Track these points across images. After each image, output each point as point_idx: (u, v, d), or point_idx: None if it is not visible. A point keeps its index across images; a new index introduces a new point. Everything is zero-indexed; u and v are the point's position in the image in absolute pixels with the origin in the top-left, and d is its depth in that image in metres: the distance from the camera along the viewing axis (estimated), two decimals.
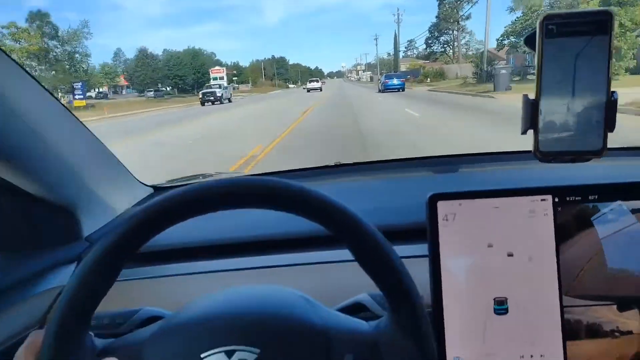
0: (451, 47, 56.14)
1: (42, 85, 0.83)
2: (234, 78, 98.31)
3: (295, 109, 18.25)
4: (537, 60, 0.48)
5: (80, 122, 0.94)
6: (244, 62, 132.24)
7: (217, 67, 70.90)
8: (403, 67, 63.11)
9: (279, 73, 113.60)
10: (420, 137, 7.93)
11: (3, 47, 0.77)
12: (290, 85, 51.66)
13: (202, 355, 0.48)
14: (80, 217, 0.91)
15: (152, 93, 53.49)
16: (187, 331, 0.50)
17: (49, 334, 0.47)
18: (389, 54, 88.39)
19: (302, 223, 0.51)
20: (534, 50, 0.48)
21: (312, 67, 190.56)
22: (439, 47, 56.67)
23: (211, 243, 0.92)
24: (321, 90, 44.22)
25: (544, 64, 0.47)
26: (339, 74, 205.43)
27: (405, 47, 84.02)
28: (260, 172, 1.37)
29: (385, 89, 28.65)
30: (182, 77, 61.21)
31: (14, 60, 0.75)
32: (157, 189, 1.25)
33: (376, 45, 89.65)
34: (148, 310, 0.62)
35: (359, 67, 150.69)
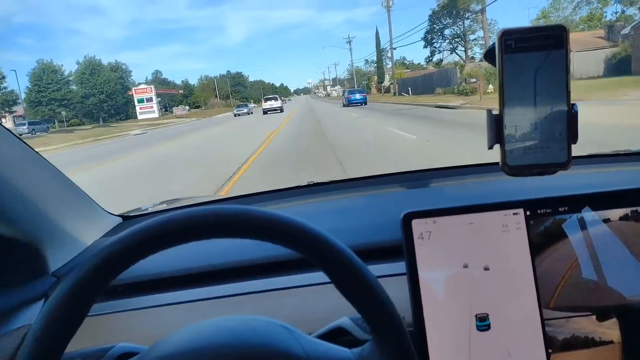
0: (461, 41, 43.73)
1: None
2: (184, 99, 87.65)
3: (232, 149, 11.09)
4: (498, 75, 0.48)
5: (39, 154, 0.91)
6: (194, 81, 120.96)
7: (142, 86, 60.78)
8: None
9: (236, 91, 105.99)
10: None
11: None
12: (249, 105, 49.90)
13: None
14: (46, 251, 0.87)
15: (24, 127, 33.94)
16: None
17: None
18: (367, 62, 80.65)
19: (277, 247, 0.50)
20: (493, 64, 0.49)
21: (277, 84, 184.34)
22: (444, 45, 44.45)
23: (184, 272, 0.90)
24: (282, 110, 36.13)
25: (504, 79, 0.48)
26: (305, 91, 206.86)
27: (365, 62, 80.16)
28: (233, 195, 1.35)
29: (349, 103, 32.34)
30: (95, 97, 54.24)
31: None
32: (126, 218, 1.22)
33: (350, 52, 79.65)
34: (122, 346, 0.59)
35: (325, 82, 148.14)
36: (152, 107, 58.18)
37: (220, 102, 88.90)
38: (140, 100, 57.97)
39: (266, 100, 39.36)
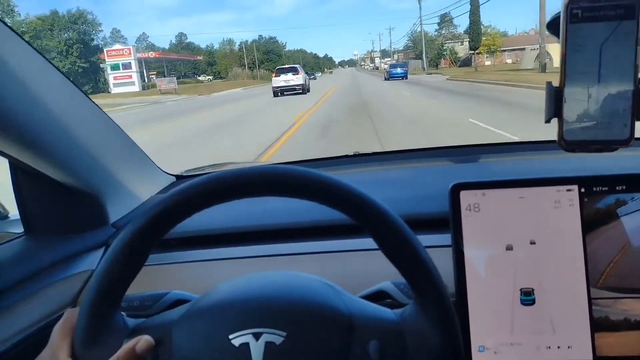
0: None
1: (66, 76, 0.85)
2: (208, 67, 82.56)
3: None
4: (561, 45, 0.46)
5: (104, 112, 0.96)
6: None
7: (117, 46, 45.91)
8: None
9: (268, 59, 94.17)
10: None
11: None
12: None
13: (230, 337, 0.49)
14: (107, 203, 0.94)
15: None
16: (215, 313, 0.51)
17: (83, 313, 0.49)
18: (443, 22, 66.93)
19: (325, 211, 0.51)
20: (557, 35, 0.47)
21: (321, 54, 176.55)
22: None
23: (236, 230, 0.93)
24: (304, 91, 23.14)
25: (568, 50, 0.46)
26: (350, 63, 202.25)
27: (438, 25, 68.48)
28: (279, 162, 1.37)
29: (390, 77, 34.85)
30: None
31: (40, 52, 0.78)
32: (179, 177, 1.27)
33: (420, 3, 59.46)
34: (176, 293, 0.64)
35: (373, 54, 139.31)
36: (130, 76, 43.41)
37: (247, 72, 77.30)
38: (115, 67, 42.79)
39: (278, 72, 23.78)
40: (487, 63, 52.65)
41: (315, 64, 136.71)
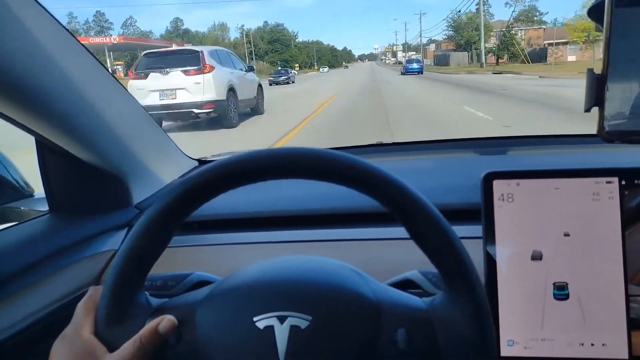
0: None
1: (95, 58, 0.85)
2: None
3: None
4: (605, 31, 0.44)
5: (131, 95, 0.97)
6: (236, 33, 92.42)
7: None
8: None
9: (273, 50, 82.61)
10: None
11: None
12: (290, 72, 38.52)
13: (254, 319, 0.48)
14: (131, 185, 0.94)
15: None
16: (240, 295, 0.51)
17: (106, 290, 0.49)
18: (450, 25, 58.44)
19: (351, 198, 0.50)
20: (599, 22, 0.45)
21: (339, 47, 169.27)
22: None
23: (261, 215, 0.93)
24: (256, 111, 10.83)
25: (612, 35, 0.44)
26: (371, 57, 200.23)
27: (450, 20, 60.88)
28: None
29: (406, 72, 36.96)
30: None
31: (71, 33, 0.78)
32: (202, 162, 1.27)
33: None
34: (199, 274, 0.63)
35: (395, 48, 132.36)
36: None
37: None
38: None
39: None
40: (571, 58, 40.81)
41: (333, 57, 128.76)
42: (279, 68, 51.88)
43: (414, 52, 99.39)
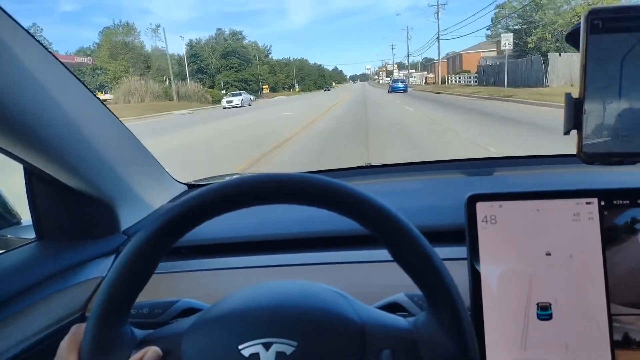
0: None
1: (82, 82, 0.85)
2: (94, 75, 42.41)
3: None
4: (581, 57, 0.45)
5: (119, 119, 0.97)
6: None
7: None
8: None
9: (228, 66, 60.67)
10: None
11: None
12: (244, 95, 32.48)
13: (239, 347, 0.48)
14: (118, 211, 0.94)
15: None
16: (225, 323, 0.51)
17: (91, 324, 0.48)
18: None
19: (336, 221, 0.50)
20: (576, 47, 0.47)
21: (330, 67, 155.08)
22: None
23: (247, 239, 0.93)
24: None
25: (588, 61, 0.45)
26: (362, 77, 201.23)
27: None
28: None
29: (392, 90, 37.80)
30: None
31: (56, 57, 0.78)
32: (191, 186, 1.27)
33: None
34: (186, 302, 0.63)
35: (388, 66, 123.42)
36: None
37: (165, 87, 40.75)
38: None
39: None
40: None
41: (320, 78, 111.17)
42: (235, 91, 40.59)
43: (413, 70, 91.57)
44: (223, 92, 48.23)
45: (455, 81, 41.52)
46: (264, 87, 69.43)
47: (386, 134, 9.33)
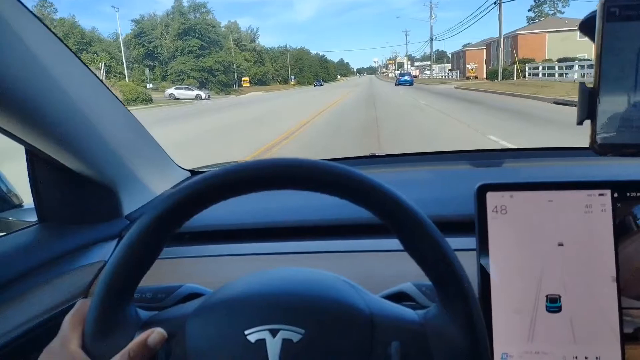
0: None
1: (88, 68, 0.84)
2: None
3: None
4: (596, 46, 0.44)
5: (124, 105, 0.96)
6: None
7: None
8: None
9: (187, 50, 47.69)
10: None
11: None
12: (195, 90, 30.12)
13: (245, 332, 0.47)
14: (121, 195, 0.93)
15: None
16: (231, 307, 0.50)
17: (95, 303, 0.48)
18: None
19: (343, 209, 0.49)
20: (590, 36, 0.46)
21: (335, 59, 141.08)
22: None
23: (253, 226, 0.92)
24: None
25: (604, 50, 0.44)
26: (370, 70, 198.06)
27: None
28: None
29: (399, 83, 37.17)
30: None
31: (62, 40, 0.77)
32: (194, 172, 1.27)
33: None
34: (190, 286, 0.62)
35: (398, 59, 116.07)
36: None
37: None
38: None
39: None
40: None
41: (322, 70, 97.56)
42: (188, 84, 34.70)
43: (428, 63, 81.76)
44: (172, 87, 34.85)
45: (524, 74, 27.69)
46: (243, 79, 56.16)
47: None
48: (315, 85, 66.73)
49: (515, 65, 28.19)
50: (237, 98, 36.94)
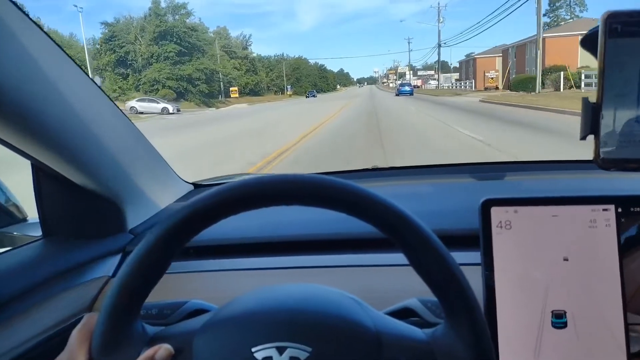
0: None
1: (92, 81, 0.85)
2: None
3: None
4: (599, 61, 0.45)
5: (127, 118, 0.97)
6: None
7: None
8: None
9: (164, 56, 42.93)
10: None
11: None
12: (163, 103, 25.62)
13: (253, 350, 0.47)
14: (125, 209, 0.93)
15: None
16: (238, 324, 0.50)
17: (102, 319, 0.48)
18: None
19: (348, 224, 0.49)
20: (593, 52, 0.46)
21: (335, 69, 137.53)
22: None
23: (258, 240, 0.92)
24: None
25: (606, 66, 0.44)
26: (370, 80, 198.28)
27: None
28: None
29: (399, 93, 37.50)
30: None
31: (66, 52, 0.78)
32: (197, 186, 1.27)
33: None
34: (196, 302, 0.62)
35: (399, 68, 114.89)
36: None
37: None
38: None
39: None
40: None
41: (321, 79, 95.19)
42: (159, 96, 32.63)
43: (432, 72, 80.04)
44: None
45: (575, 84, 22.99)
46: (232, 89, 51.01)
47: None
48: (307, 97, 59.84)
49: (538, 74, 23.17)
50: (216, 111, 32.81)
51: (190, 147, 10.04)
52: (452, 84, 54.60)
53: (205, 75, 44.75)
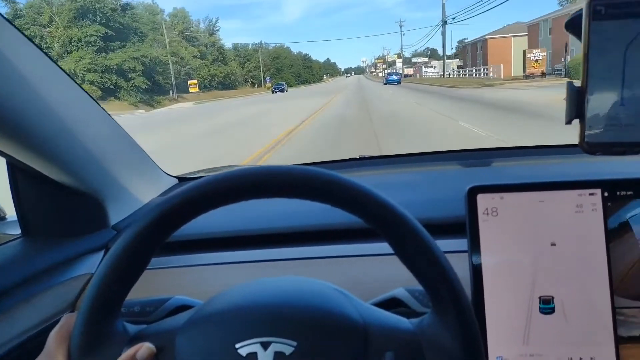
0: None
1: (72, 78, 0.83)
2: None
3: None
4: (583, 44, 0.44)
5: (107, 113, 0.95)
6: None
7: None
8: None
9: (84, 42, 30.19)
10: None
11: None
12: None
13: (236, 346, 0.46)
14: (107, 205, 0.91)
15: None
16: (221, 320, 0.49)
17: (80, 318, 0.47)
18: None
19: (330, 214, 0.49)
20: (577, 35, 0.46)
21: (322, 59, 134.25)
22: None
23: (242, 233, 0.91)
24: None
25: (590, 49, 0.44)
26: (358, 70, 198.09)
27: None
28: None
29: (387, 82, 38.99)
30: None
31: (42, 49, 0.76)
32: (182, 179, 1.25)
33: None
34: (179, 299, 0.61)
35: (389, 57, 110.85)
36: None
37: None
38: None
39: None
40: None
41: (306, 69, 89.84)
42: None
43: (427, 59, 74.84)
44: None
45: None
46: (190, 82, 42.83)
47: None
48: (274, 91, 46.30)
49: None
50: (146, 114, 25.71)
51: None
52: (453, 72, 48.27)
53: (143, 66, 34.58)
